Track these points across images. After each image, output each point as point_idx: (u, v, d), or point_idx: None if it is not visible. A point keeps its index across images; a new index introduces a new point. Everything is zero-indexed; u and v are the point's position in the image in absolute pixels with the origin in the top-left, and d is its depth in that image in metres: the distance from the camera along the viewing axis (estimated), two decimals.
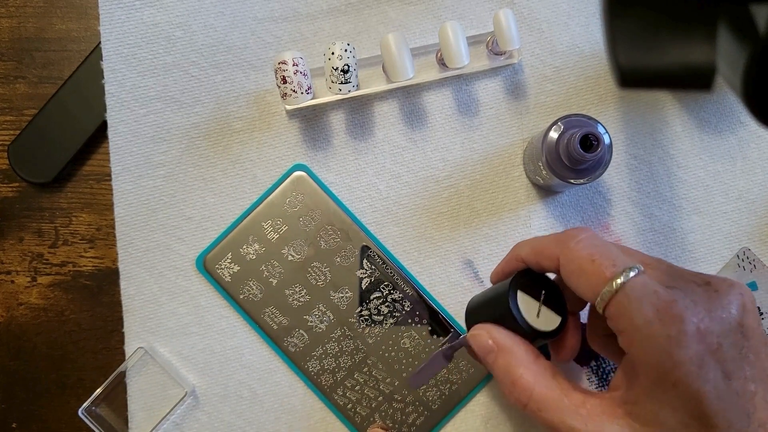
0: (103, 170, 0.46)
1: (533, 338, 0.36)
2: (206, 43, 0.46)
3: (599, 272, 0.32)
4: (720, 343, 0.30)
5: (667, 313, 0.30)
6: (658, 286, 0.31)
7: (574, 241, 0.34)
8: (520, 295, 0.36)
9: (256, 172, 0.46)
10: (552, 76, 0.47)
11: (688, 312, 0.30)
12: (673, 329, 0.30)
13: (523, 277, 0.37)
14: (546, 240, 0.37)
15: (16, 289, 0.46)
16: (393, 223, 0.46)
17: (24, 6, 0.47)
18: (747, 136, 0.47)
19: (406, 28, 0.46)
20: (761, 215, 0.47)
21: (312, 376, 0.45)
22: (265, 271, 0.45)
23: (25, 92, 0.46)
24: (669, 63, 0.25)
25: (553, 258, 0.35)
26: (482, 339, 0.36)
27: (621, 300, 0.31)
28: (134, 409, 0.44)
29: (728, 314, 0.31)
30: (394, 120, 0.46)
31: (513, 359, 0.35)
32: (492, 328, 0.36)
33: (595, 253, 0.33)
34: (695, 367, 0.29)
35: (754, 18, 0.23)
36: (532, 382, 0.34)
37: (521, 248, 0.38)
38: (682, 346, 0.29)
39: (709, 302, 0.31)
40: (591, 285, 0.33)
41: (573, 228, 0.36)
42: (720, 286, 0.32)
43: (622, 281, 0.31)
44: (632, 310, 0.31)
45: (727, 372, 0.30)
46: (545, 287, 0.37)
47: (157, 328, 0.45)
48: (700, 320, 0.30)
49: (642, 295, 0.31)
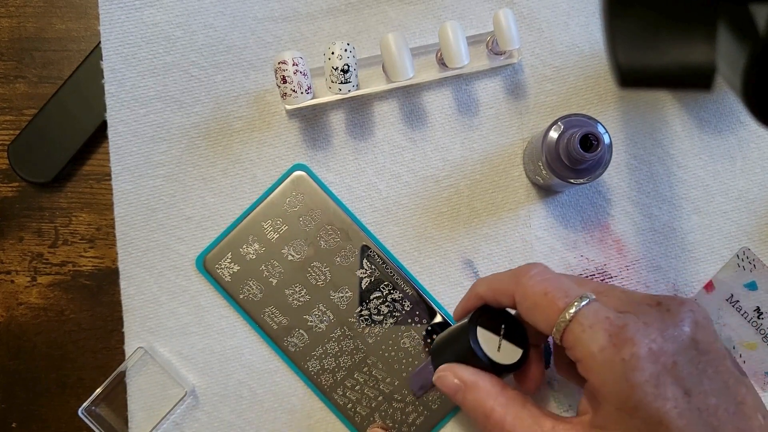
0: (103, 170, 0.46)
1: (497, 372, 0.36)
2: (206, 43, 0.46)
3: (552, 304, 0.33)
4: (675, 361, 0.30)
5: (620, 338, 0.31)
6: (609, 312, 0.32)
7: (527, 277, 0.35)
8: (480, 330, 0.37)
9: (256, 172, 0.46)
10: (552, 75, 0.47)
11: (639, 334, 0.31)
12: (626, 353, 0.30)
13: (484, 313, 0.38)
14: (502, 277, 0.37)
15: (16, 289, 0.46)
16: (393, 223, 0.46)
17: (24, 6, 0.47)
18: (747, 136, 0.47)
19: (406, 28, 0.46)
20: (761, 215, 0.47)
21: (312, 375, 0.45)
22: (265, 270, 0.45)
23: (25, 92, 0.46)
24: (669, 63, 0.25)
25: (509, 294, 0.36)
26: (448, 379, 0.37)
27: (575, 329, 0.32)
28: (134, 408, 0.44)
29: (681, 332, 0.31)
30: (394, 120, 0.46)
31: (481, 394, 0.35)
32: (456, 366, 0.37)
33: (548, 286, 0.34)
34: (652, 388, 0.30)
35: (754, 18, 0.23)
36: (503, 414, 0.34)
37: (479, 286, 0.39)
38: (637, 369, 0.30)
39: (661, 322, 0.32)
40: (546, 318, 0.33)
41: (526, 264, 0.37)
42: (671, 305, 0.33)
43: (574, 311, 0.32)
44: (586, 338, 0.32)
45: (686, 389, 0.30)
46: (505, 321, 0.38)
47: (157, 327, 0.45)
48: (652, 341, 0.31)
49: (594, 322, 0.32)
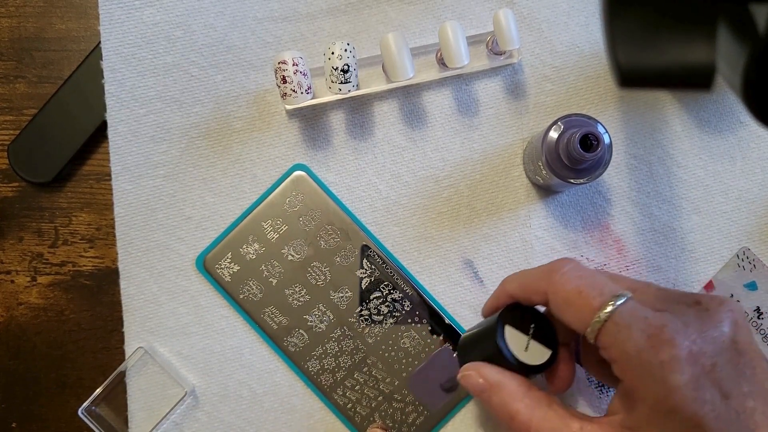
0: (102, 170, 0.46)
1: (524, 372, 0.36)
2: (206, 43, 0.46)
3: (587, 303, 0.32)
4: (714, 363, 0.30)
5: (658, 339, 0.30)
6: (647, 312, 0.31)
7: (559, 274, 0.34)
8: (508, 330, 0.36)
9: (256, 171, 0.46)
10: (552, 75, 0.47)
11: (678, 335, 0.30)
12: (665, 354, 0.30)
13: (512, 311, 0.37)
14: (532, 274, 0.37)
15: (16, 289, 0.46)
16: (393, 222, 0.46)
17: (24, 6, 0.47)
18: (747, 136, 0.47)
19: (406, 28, 0.46)
20: (761, 215, 0.47)
21: (312, 375, 0.45)
22: (265, 270, 0.45)
23: (25, 92, 0.46)
24: (669, 63, 0.25)
25: (541, 292, 0.35)
26: (473, 379, 0.36)
27: (611, 329, 0.31)
28: (134, 408, 0.44)
29: (720, 333, 0.31)
30: (394, 120, 0.46)
31: (506, 395, 0.35)
32: (481, 366, 0.36)
33: (581, 284, 0.33)
34: (691, 391, 0.29)
35: (754, 18, 0.23)
36: (529, 416, 0.34)
37: (509, 283, 0.38)
38: (676, 371, 0.29)
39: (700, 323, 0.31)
40: (580, 317, 0.33)
41: (558, 260, 0.36)
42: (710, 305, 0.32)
43: (610, 310, 0.31)
44: (623, 339, 0.31)
45: (724, 391, 0.30)
46: (535, 320, 0.37)
47: (157, 327, 0.45)
48: (692, 342, 0.30)
49: (631, 322, 0.31)
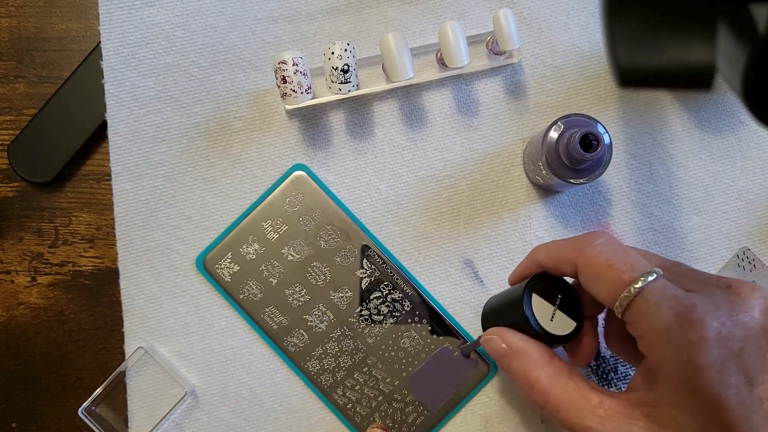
0: (103, 170, 0.46)
1: (547, 342, 0.36)
2: (206, 43, 0.46)
3: (617, 277, 0.32)
4: (742, 347, 0.29)
5: (687, 318, 0.30)
6: (677, 290, 0.31)
7: (592, 246, 0.34)
8: (535, 298, 0.36)
9: (256, 172, 0.46)
10: (552, 75, 0.47)
11: (708, 316, 0.30)
12: (693, 334, 0.29)
13: (540, 281, 0.37)
14: (563, 244, 0.36)
15: (16, 289, 0.46)
16: (393, 222, 0.46)
17: (24, 6, 0.47)
18: (747, 136, 0.47)
19: (406, 28, 0.46)
20: (761, 215, 0.47)
21: (312, 375, 0.45)
22: (265, 270, 0.45)
23: (25, 92, 0.46)
24: (669, 62, 0.25)
25: (571, 263, 0.35)
26: (495, 343, 0.36)
27: (640, 305, 0.31)
28: (134, 408, 0.44)
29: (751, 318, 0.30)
30: (394, 120, 0.46)
31: (527, 362, 0.35)
32: (505, 331, 0.36)
33: (613, 257, 0.33)
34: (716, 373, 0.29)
35: (754, 18, 0.23)
36: (548, 384, 0.34)
37: (539, 252, 0.38)
38: (703, 352, 0.29)
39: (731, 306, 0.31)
40: (609, 290, 0.32)
41: (591, 232, 0.36)
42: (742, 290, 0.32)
43: (640, 286, 0.31)
44: (651, 315, 0.31)
45: (749, 377, 0.29)
46: (561, 291, 0.37)
47: (157, 327, 0.45)
48: (721, 324, 0.30)
49: (661, 299, 0.31)
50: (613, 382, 0.45)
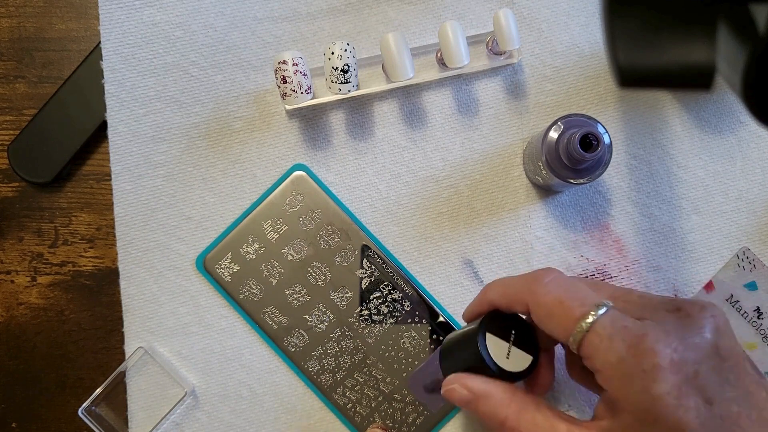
0: (103, 170, 0.46)
1: (507, 379, 0.36)
2: (206, 43, 0.46)
3: (568, 314, 0.32)
4: (697, 370, 0.30)
5: (639, 348, 0.30)
6: (627, 321, 0.31)
7: (541, 285, 0.35)
8: (489, 338, 0.36)
9: (256, 172, 0.46)
10: (552, 75, 0.47)
11: (660, 344, 0.30)
12: (646, 363, 0.30)
13: (493, 319, 0.37)
14: (515, 283, 0.37)
15: (16, 289, 0.46)
16: (393, 222, 0.46)
17: (24, 6, 0.47)
18: (747, 136, 0.47)
19: (406, 28, 0.46)
20: (761, 215, 0.47)
21: (312, 375, 0.45)
22: (265, 270, 0.45)
23: (25, 92, 0.46)
24: (669, 62, 0.25)
25: (522, 302, 0.35)
26: (458, 392, 0.36)
27: (592, 339, 0.31)
28: (134, 408, 0.44)
29: (702, 339, 0.31)
30: (394, 120, 0.46)
31: (493, 404, 0.35)
32: (464, 377, 0.36)
33: (563, 294, 0.33)
34: (674, 399, 0.29)
35: (754, 18, 0.23)
36: (516, 421, 0.34)
37: (491, 291, 0.38)
38: (658, 380, 0.29)
39: (682, 329, 0.31)
40: (562, 327, 0.33)
41: (540, 270, 0.36)
42: (691, 311, 0.32)
43: (591, 321, 0.31)
44: (604, 349, 0.31)
45: (708, 398, 0.29)
46: (515, 326, 0.37)
47: (157, 327, 0.45)
48: (673, 350, 0.30)
49: (612, 332, 0.31)
50: None
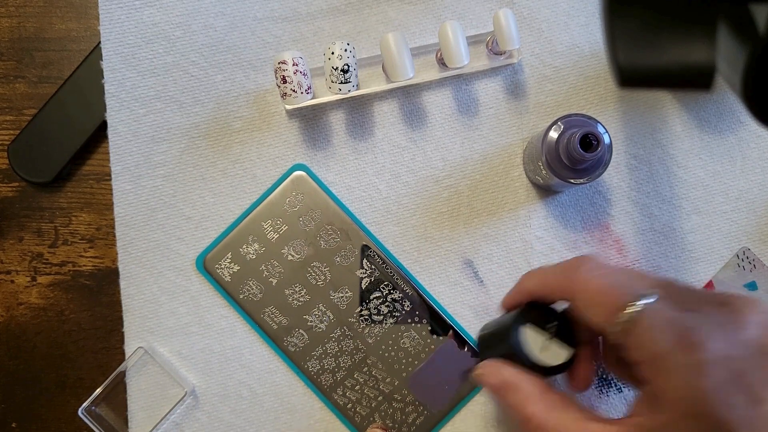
0: (103, 170, 0.46)
1: (542, 373, 0.35)
2: (206, 43, 0.46)
3: (612, 302, 0.31)
4: (744, 367, 0.29)
5: (687, 341, 0.29)
6: (675, 313, 0.30)
7: (583, 271, 0.33)
8: (527, 329, 0.35)
9: (256, 172, 0.46)
10: (552, 75, 0.47)
11: (708, 338, 0.29)
12: (694, 357, 0.29)
13: (531, 309, 0.36)
14: (553, 271, 0.35)
15: (16, 289, 0.46)
16: (393, 222, 0.46)
17: (24, 6, 0.47)
18: (747, 136, 0.47)
19: (406, 28, 0.46)
20: (761, 215, 0.47)
21: (312, 375, 0.45)
22: (264, 270, 0.45)
23: (24, 92, 0.46)
24: (669, 62, 0.25)
25: (563, 290, 0.34)
26: (489, 378, 0.36)
27: (638, 330, 0.30)
28: (134, 408, 0.44)
29: (749, 336, 0.30)
30: (394, 120, 0.46)
31: (522, 397, 0.34)
32: (499, 365, 0.36)
33: (607, 282, 0.32)
34: (720, 396, 0.28)
35: (754, 18, 0.23)
36: (545, 418, 0.33)
37: (529, 280, 0.37)
38: (705, 375, 0.28)
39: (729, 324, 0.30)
40: (605, 316, 0.32)
41: (578, 257, 0.35)
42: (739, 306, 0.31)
43: (637, 311, 0.30)
44: (650, 340, 0.30)
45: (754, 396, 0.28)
46: (554, 320, 0.36)
47: (156, 327, 0.45)
48: (721, 345, 0.29)
49: (658, 323, 0.30)
50: (613, 382, 0.45)
